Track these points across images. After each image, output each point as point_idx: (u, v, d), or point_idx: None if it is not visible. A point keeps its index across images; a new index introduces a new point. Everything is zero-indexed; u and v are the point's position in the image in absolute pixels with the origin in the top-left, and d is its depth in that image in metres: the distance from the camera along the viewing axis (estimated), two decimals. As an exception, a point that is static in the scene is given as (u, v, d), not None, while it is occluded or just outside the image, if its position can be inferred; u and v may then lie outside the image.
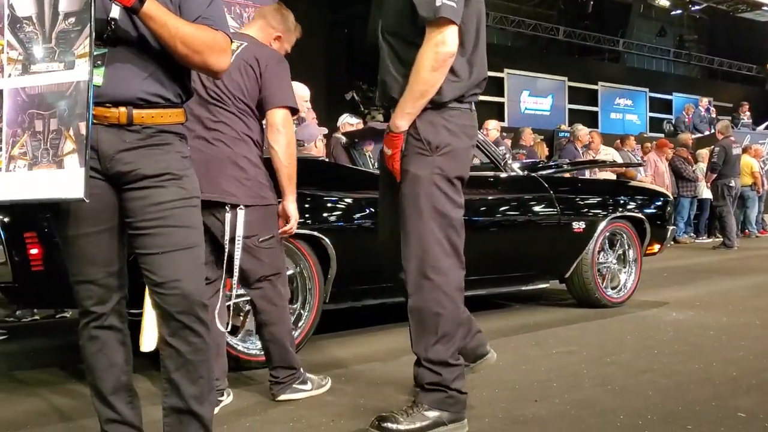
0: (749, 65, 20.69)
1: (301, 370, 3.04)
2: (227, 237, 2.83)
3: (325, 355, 3.77)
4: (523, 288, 4.95)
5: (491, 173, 4.72)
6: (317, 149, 4.93)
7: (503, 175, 4.71)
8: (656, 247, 5.62)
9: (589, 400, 2.89)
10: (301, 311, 3.68)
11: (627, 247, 5.34)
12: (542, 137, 11.18)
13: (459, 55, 2.44)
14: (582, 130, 10.02)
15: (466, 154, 2.58)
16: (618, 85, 17.58)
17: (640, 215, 5.32)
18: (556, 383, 3.16)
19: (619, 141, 11.52)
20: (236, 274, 2.87)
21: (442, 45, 2.37)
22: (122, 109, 1.93)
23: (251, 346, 3.51)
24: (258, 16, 3.17)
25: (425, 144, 2.46)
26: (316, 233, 3.66)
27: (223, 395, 2.92)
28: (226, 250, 2.86)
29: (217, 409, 2.61)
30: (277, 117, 2.89)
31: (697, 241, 11.93)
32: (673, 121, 16.13)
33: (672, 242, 11.20)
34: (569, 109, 16.30)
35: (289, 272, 3.63)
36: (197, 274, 2.03)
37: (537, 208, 4.81)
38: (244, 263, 2.87)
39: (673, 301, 5.42)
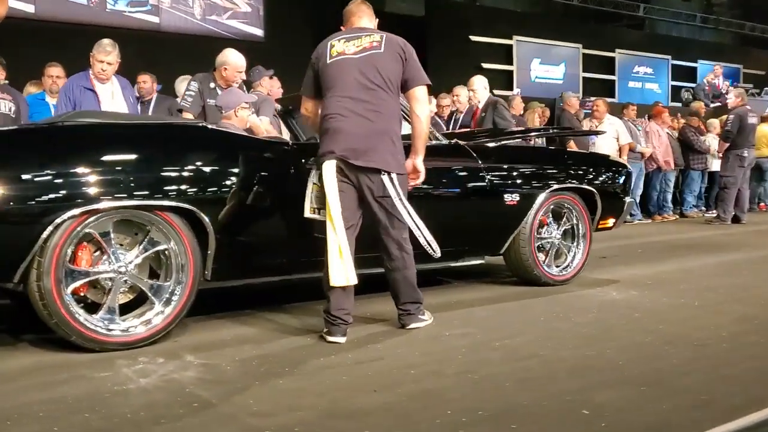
0: (784, 30, 19.67)
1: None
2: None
3: (199, 337, 3.53)
4: (453, 264, 4.64)
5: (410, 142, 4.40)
6: (238, 118, 4.66)
7: (424, 143, 4.37)
8: (611, 221, 5.23)
9: (432, 391, 2.61)
10: (175, 289, 3.43)
11: (576, 222, 4.97)
12: (543, 105, 10.67)
13: None
14: (571, 98, 9.57)
15: None
16: (637, 53, 16.82)
17: (589, 187, 4.95)
18: (416, 370, 2.88)
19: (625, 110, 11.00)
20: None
21: None
22: None
23: (113, 327, 3.28)
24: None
25: None
26: (190, 206, 3.40)
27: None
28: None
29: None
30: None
31: (706, 215, 11.37)
32: (693, 90, 15.39)
33: (678, 216, 10.84)
34: (584, 78, 15.66)
35: (160, 247, 3.41)
36: None
37: (462, 179, 4.47)
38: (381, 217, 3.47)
39: (626, 279, 5.05)
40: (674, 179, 10.80)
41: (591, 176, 5.02)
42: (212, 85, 5.48)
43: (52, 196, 3.07)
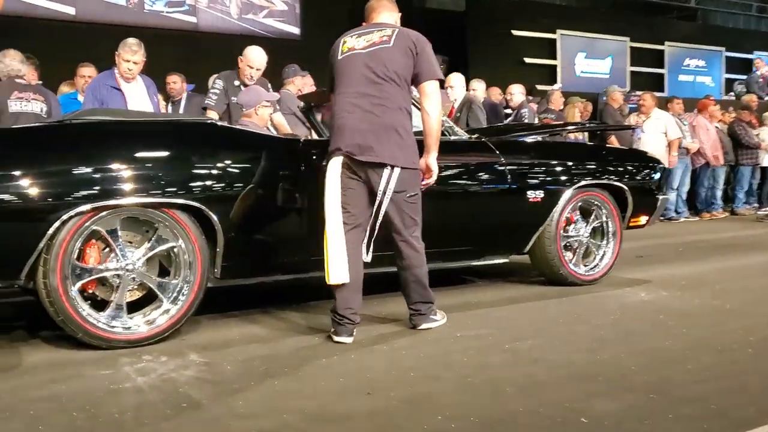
0: None
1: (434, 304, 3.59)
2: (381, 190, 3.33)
3: (208, 335, 3.51)
4: (475, 263, 4.51)
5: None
6: (258, 116, 4.62)
7: (443, 139, 4.25)
8: (643, 219, 5.03)
9: (427, 396, 2.52)
10: (183, 288, 3.41)
11: (605, 219, 4.79)
12: (584, 100, 10.39)
13: None
14: (615, 92, 9.35)
15: None
16: (688, 45, 16.24)
17: (618, 184, 4.76)
18: (417, 373, 2.79)
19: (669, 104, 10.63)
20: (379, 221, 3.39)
21: None
22: None
23: (119, 324, 3.27)
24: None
25: None
26: (198, 204, 3.37)
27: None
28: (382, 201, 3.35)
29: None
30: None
31: (758, 213, 10.91)
32: (746, 82, 14.80)
33: (729, 213, 10.42)
34: (631, 72, 15.21)
35: (168, 245, 3.39)
36: None
37: (482, 176, 4.33)
38: (393, 215, 3.37)
39: (659, 279, 4.85)
40: (725, 175, 10.40)
41: (621, 172, 4.83)
42: (236, 82, 5.49)
43: (58, 193, 3.07)
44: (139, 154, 3.32)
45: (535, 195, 4.43)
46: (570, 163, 4.62)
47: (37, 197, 3.05)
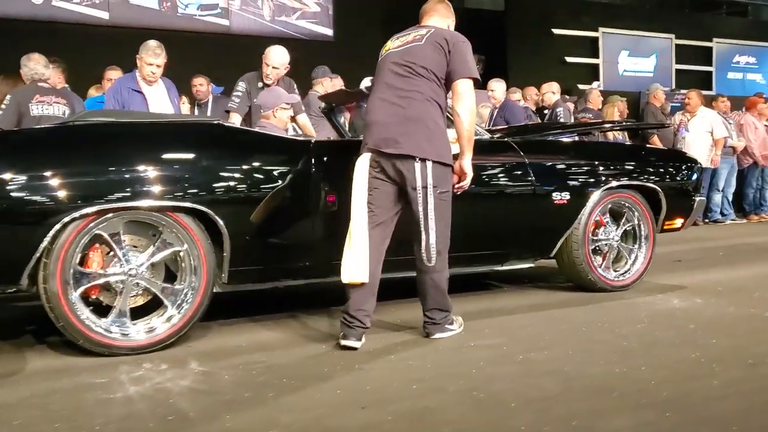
0: None
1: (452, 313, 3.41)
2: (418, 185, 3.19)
3: (215, 342, 3.41)
4: (498, 268, 4.32)
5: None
6: (277, 118, 4.53)
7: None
8: (678, 221, 4.77)
9: (426, 410, 2.36)
10: (188, 293, 3.32)
11: (637, 222, 4.56)
12: (623, 99, 10.07)
13: None
14: (658, 90, 9.10)
15: None
16: (737, 41, 15.69)
17: (651, 185, 4.53)
18: (420, 385, 2.64)
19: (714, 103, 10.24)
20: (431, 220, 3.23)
21: None
22: None
23: (117, 331, 3.18)
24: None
25: None
26: (203, 207, 3.28)
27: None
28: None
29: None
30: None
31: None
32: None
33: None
34: (677, 70, 14.75)
35: (172, 250, 3.30)
36: None
37: (505, 177, 4.15)
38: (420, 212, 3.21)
39: (695, 285, 4.59)
40: (774, 175, 9.97)
41: (654, 173, 4.59)
42: (260, 84, 5.40)
43: (59, 195, 3.01)
44: (142, 156, 3.23)
45: (560, 197, 4.23)
46: (599, 164, 4.41)
47: (38, 200, 3.00)
